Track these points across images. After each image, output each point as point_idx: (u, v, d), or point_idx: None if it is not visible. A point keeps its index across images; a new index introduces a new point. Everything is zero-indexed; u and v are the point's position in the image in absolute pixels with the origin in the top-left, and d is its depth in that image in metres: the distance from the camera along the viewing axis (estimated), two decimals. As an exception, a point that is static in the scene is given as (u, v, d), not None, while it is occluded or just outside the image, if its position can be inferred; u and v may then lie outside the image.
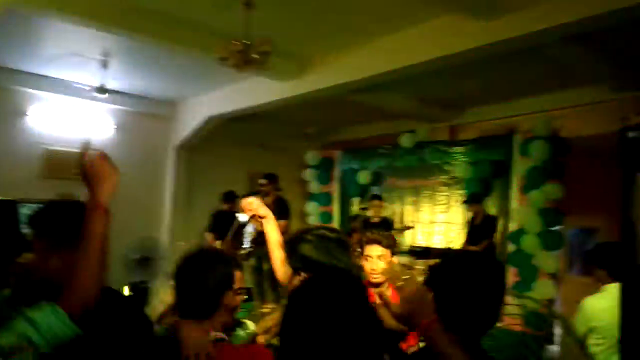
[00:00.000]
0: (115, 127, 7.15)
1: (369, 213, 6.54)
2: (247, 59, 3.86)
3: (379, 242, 2.62)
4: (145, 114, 7.38)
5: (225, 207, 6.50)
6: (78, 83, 6.39)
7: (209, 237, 6.48)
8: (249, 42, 3.78)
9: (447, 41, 4.23)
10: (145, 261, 5.63)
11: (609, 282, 2.92)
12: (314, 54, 5.28)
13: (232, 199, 6.52)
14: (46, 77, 6.27)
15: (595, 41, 4.35)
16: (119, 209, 6.75)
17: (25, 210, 7.68)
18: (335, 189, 8.79)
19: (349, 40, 4.86)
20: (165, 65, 5.73)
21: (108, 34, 4.57)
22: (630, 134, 1.45)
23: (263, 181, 6.14)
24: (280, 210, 5.98)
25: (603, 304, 2.93)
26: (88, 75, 6.00)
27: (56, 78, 6.32)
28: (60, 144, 6.66)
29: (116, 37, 4.67)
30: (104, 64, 5.57)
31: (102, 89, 5.84)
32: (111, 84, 6.14)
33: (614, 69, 5.01)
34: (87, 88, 6.25)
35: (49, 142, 6.61)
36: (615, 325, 1.76)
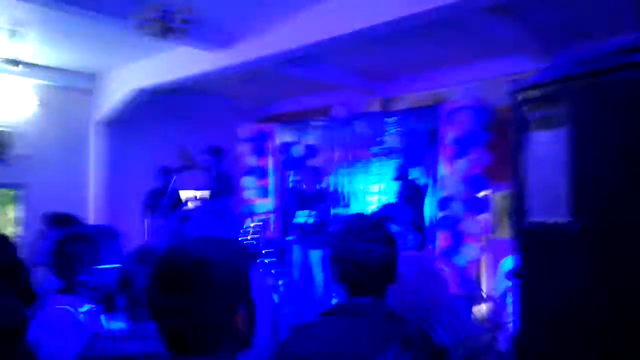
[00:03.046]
0: (33, 102, 6.71)
1: (304, 186, 6.57)
2: (166, 27, 3.71)
3: None
4: (64, 88, 6.95)
5: (161, 183, 6.33)
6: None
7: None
8: (166, 9, 3.63)
9: (373, 10, 4.25)
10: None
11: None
12: (241, 24, 5.15)
13: (167, 174, 6.36)
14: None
15: (517, 11, 4.50)
16: (41, 190, 6.44)
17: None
18: (270, 162, 8.73)
19: (277, 10, 4.77)
20: (83, 35, 5.40)
21: (18, 1, 4.25)
22: (518, 97, 1.51)
23: (207, 156, 6.02)
24: (225, 185, 5.89)
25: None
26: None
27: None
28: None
29: (27, 4, 4.36)
30: (14, 34, 5.18)
31: (13, 61, 5.45)
32: (26, 56, 5.73)
33: (536, 39, 5.21)
34: (-1, 61, 5.81)
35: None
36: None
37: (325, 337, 1.42)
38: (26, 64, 5.87)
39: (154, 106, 7.17)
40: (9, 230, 6.94)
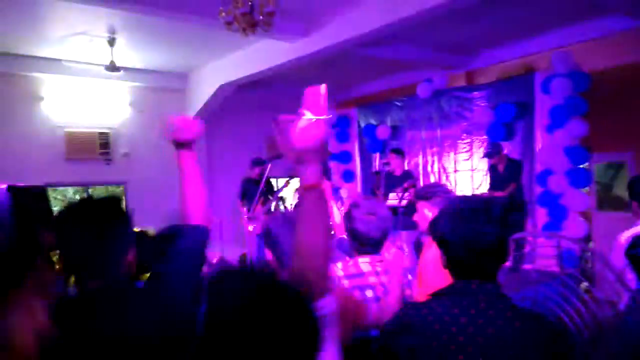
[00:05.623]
0: (131, 104, 7.18)
1: (391, 167, 6.49)
2: (252, 21, 3.79)
3: None
4: (158, 89, 7.36)
5: (254, 173, 6.56)
6: (88, 63, 6.39)
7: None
8: (252, 3, 3.71)
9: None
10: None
11: (643, 215, 2.86)
12: (319, 11, 5.15)
13: (260, 164, 6.58)
14: (57, 59, 6.28)
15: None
16: (144, 189, 6.85)
17: (54, 195, 7.86)
18: (355, 146, 8.73)
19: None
20: (172, 36, 5.67)
21: (111, 10, 4.54)
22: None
23: None
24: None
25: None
26: (97, 55, 6.01)
27: (67, 60, 6.32)
28: (79, 126, 6.77)
29: (119, 12, 4.64)
30: (111, 42, 5.55)
31: (112, 67, 5.83)
32: (121, 61, 6.13)
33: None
34: (98, 67, 6.25)
35: (68, 125, 6.70)
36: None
37: (438, 315, 1.40)
38: (124, 69, 6.28)
39: (241, 99, 7.41)
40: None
